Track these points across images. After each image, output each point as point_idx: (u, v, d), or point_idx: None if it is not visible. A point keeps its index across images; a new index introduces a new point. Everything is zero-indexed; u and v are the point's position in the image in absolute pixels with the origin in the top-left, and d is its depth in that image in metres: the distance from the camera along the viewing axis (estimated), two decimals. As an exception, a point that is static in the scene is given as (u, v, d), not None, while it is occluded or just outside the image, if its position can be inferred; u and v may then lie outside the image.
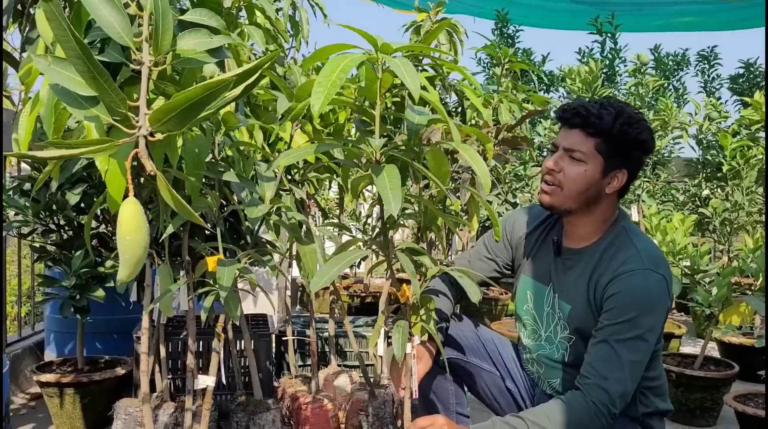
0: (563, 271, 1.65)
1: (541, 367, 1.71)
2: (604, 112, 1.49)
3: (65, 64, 1.06)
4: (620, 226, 1.60)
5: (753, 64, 5.02)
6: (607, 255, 1.56)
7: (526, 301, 1.74)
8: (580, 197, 1.55)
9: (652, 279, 1.49)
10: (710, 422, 2.68)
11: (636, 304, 1.46)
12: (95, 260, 2.32)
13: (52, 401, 2.43)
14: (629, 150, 1.52)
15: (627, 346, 1.45)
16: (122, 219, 1.03)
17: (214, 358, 1.58)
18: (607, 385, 1.44)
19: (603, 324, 1.49)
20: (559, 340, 1.65)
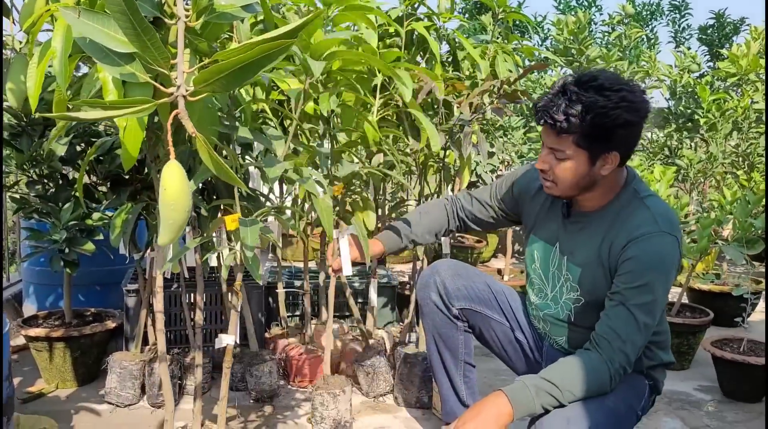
0: (572, 233, 1.66)
1: (546, 324, 1.76)
2: (571, 113, 1.45)
3: (98, 17, 1.00)
4: (631, 188, 1.60)
5: (722, 15, 5.07)
6: (620, 217, 1.57)
7: (534, 261, 1.77)
8: (578, 186, 1.57)
9: (667, 242, 1.51)
10: (685, 365, 2.81)
11: (652, 268, 1.49)
12: (84, 213, 2.26)
13: (41, 355, 2.39)
14: (610, 136, 1.48)
15: (643, 310, 1.49)
16: (166, 183, 0.99)
17: (233, 317, 1.57)
18: (626, 348, 1.49)
19: (619, 287, 1.52)
20: (564, 301, 1.69)
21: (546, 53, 2.77)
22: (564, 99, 1.47)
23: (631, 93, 1.47)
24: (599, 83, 1.47)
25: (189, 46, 1.14)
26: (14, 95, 1.62)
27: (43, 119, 2.25)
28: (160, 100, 1.01)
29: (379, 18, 2.29)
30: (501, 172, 4.32)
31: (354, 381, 2.50)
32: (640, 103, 1.49)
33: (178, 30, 1.02)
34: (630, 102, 1.47)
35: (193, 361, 2.36)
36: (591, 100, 1.45)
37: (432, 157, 2.41)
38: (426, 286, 1.87)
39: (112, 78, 1.23)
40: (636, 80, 3.97)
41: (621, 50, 3.70)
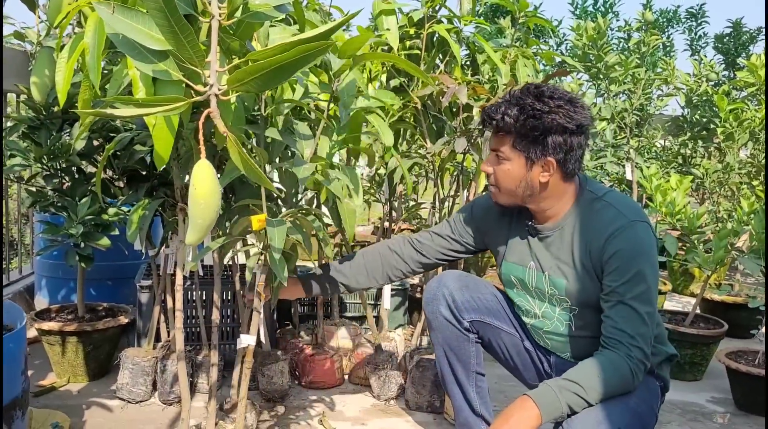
0: (545, 248, 1.68)
1: (548, 343, 1.76)
2: (508, 111, 1.53)
3: (133, 14, 1.00)
4: (586, 191, 1.64)
5: (740, 24, 5.04)
6: (587, 220, 1.60)
7: (513, 285, 1.78)
8: (516, 192, 1.62)
9: (639, 229, 1.55)
10: (698, 376, 2.79)
11: (637, 257, 1.52)
12: (100, 208, 2.25)
13: (53, 349, 2.39)
14: (543, 139, 1.53)
15: (641, 300, 1.51)
16: (197, 182, 0.99)
17: (255, 317, 1.56)
18: (639, 342, 1.50)
19: (611, 286, 1.54)
20: (559, 314, 1.69)
21: (565, 58, 2.75)
22: (505, 102, 1.57)
23: (569, 103, 1.53)
24: (540, 91, 1.55)
25: (220, 45, 1.13)
26: (38, 88, 1.62)
27: (62, 113, 2.25)
28: (193, 99, 1.00)
29: (400, 20, 2.29)
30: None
31: (365, 383, 2.49)
32: (576, 112, 1.53)
33: (212, 28, 1.02)
34: (565, 110, 1.53)
35: (205, 359, 2.36)
36: (527, 102, 1.54)
37: (449, 160, 2.40)
38: (434, 300, 1.85)
39: (141, 75, 1.23)
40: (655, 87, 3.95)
41: (640, 57, 3.68)
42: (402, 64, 1.43)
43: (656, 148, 4.78)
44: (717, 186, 3.51)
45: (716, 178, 3.42)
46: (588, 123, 1.57)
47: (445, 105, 2.13)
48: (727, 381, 2.61)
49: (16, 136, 2.24)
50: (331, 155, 1.46)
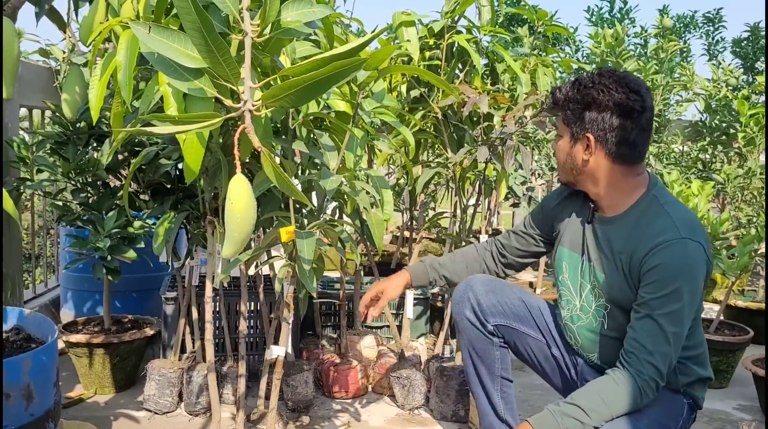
0: (596, 240, 1.67)
1: (578, 340, 1.74)
2: (563, 88, 1.60)
3: (168, 33, 1.02)
4: (651, 195, 1.60)
5: (757, 28, 5.02)
6: (641, 224, 1.57)
7: (562, 271, 1.77)
8: (566, 168, 1.67)
9: (690, 248, 1.49)
10: (723, 384, 2.77)
11: (676, 275, 1.48)
12: (126, 221, 2.28)
13: (80, 361, 2.41)
14: (582, 113, 1.56)
15: (670, 319, 1.48)
16: (233, 196, 1.01)
17: (284, 328, 1.58)
18: (654, 360, 1.47)
19: (644, 298, 1.50)
20: (595, 309, 1.67)
21: (584, 66, 2.76)
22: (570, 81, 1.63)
23: (616, 82, 1.54)
24: (599, 71, 1.59)
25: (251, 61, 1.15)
26: (69, 105, 1.66)
27: (88, 128, 2.29)
28: (228, 115, 1.02)
29: (419, 31, 2.31)
30: (531, 183, 4.30)
31: (389, 393, 2.49)
32: (618, 91, 1.53)
33: (246, 45, 1.04)
34: (607, 88, 1.53)
35: (230, 370, 2.38)
36: (580, 78, 1.59)
37: (471, 169, 2.41)
38: (460, 303, 1.86)
39: (172, 91, 1.25)
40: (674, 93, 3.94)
41: (658, 63, 3.67)
42: (426, 76, 1.45)
43: (675, 154, 4.76)
44: (739, 191, 3.49)
45: (737, 183, 3.40)
46: (632, 104, 1.53)
47: (466, 114, 2.14)
48: (753, 388, 2.59)
49: (43, 152, 2.28)
50: (356, 166, 1.47)
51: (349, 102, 1.65)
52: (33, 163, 2.25)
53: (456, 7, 2.23)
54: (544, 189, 5.09)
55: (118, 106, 1.38)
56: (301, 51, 1.46)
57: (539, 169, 4.17)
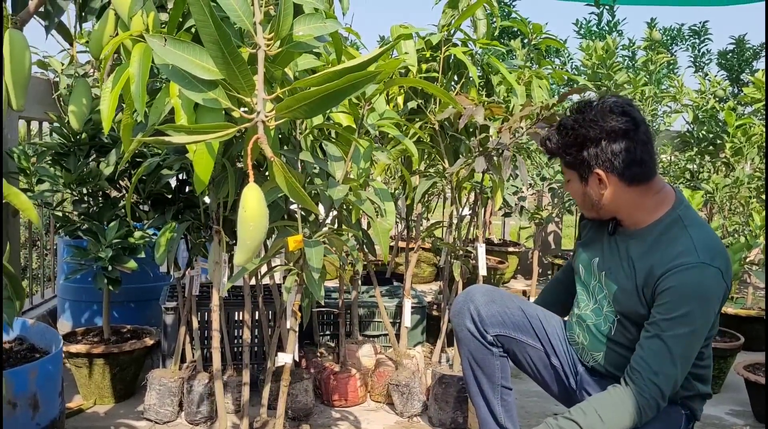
0: (614, 250, 1.70)
1: (586, 338, 1.76)
2: (551, 137, 1.64)
3: (183, 45, 1.05)
4: (676, 214, 1.60)
5: (742, 40, 5.12)
6: (661, 243, 1.57)
7: (579, 273, 1.81)
8: (587, 207, 1.71)
9: (707, 273, 1.48)
10: (716, 390, 2.81)
11: (690, 299, 1.48)
12: (127, 231, 2.30)
13: (80, 371, 2.42)
14: (582, 154, 1.59)
15: (679, 342, 1.48)
16: (247, 205, 1.04)
17: (291, 336, 1.60)
18: (658, 380, 1.49)
19: (656, 318, 1.51)
20: (606, 313, 1.70)
21: (576, 78, 2.82)
22: (555, 128, 1.67)
23: (600, 113, 1.56)
24: (578, 108, 1.62)
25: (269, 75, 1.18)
26: (76, 117, 1.67)
27: (90, 139, 2.32)
28: (242, 125, 1.05)
29: (416, 43, 2.36)
30: (523, 193, 4.35)
31: (388, 401, 2.51)
32: (605, 120, 1.55)
33: (258, 58, 1.07)
34: (593, 121, 1.56)
35: (230, 379, 2.39)
36: (562, 123, 1.63)
37: (467, 180, 2.45)
38: (460, 314, 1.88)
39: (183, 102, 1.28)
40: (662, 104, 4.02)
41: (648, 75, 3.75)
42: (429, 88, 1.49)
43: (663, 164, 4.83)
44: (727, 200, 3.55)
45: (725, 192, 3.46)
46: (623, 126, 1.55)
47: (462, 125, 2.19)
48: (745, 393, 2.63)
49: (45, 163, 2.30)
50: (361, 176, 1.51)
51: (350, 115, 1.69)
52: (34, 173, 2.26)
53: (452, 21, 2.27)
54: (535, 199, 5.15)
55: (128, 118, 1.41)
56: (303, 64, 1.50)
57: (531, 179, 4.22)
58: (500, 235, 5.74)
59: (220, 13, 1.07)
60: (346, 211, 1.78)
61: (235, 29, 1.16)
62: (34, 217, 1.17)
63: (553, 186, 3.78)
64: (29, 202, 1.12)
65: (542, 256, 5.08)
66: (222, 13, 1.07)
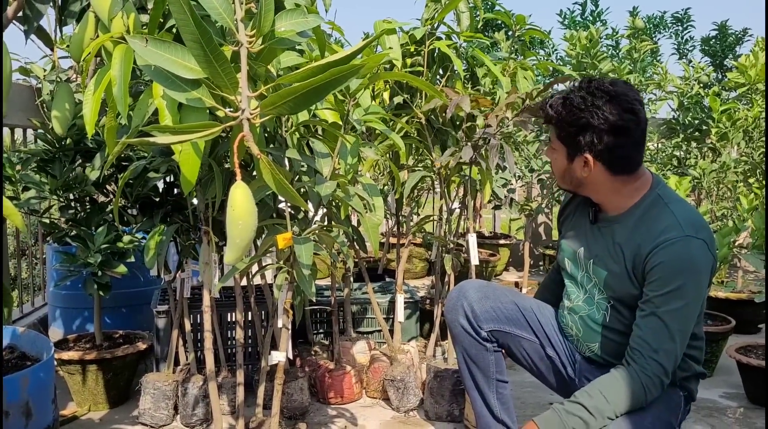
0: (598, 237, 1.71)
1: (580, 329, 1.77)
2: (553, 104, 1.60)
3: (166, 46, 1.04)
4: (655, 194, 1.62)
5: (725, 26, 5.15)
6: (643, 223, 1.59)
7: (565, 267, 1.81)
8: (565, 180, 1.69)
9: (694, 245, 1.50)
10: (709, 373, 2.83)
11: (680, 272, 1.49)
12: (116, 235, 2.29)
13: (73, 378, 2.40)
14: (578, 136, 1.57)
15: (675, 317, 1.50)
16: (235, 203, 1.03)
17: (284, 334, 1.60)
18: (659, 357, 1.50)
19: (648, 295, 1.53)
20: (598, 301, 1.71)
21: (561, 68, 2.82)
22: (559, 94, 1.62)
23: (609, 102, 1.53)
24: (588, 86, 1.57)
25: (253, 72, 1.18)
26: (59, 122, 1.67)
27: (74, 145, 2.30)
28: (227, 124, 1.05)
29: (401, 38, 2.35)
30: (512, 185, 4.36)
31: (384, 396, 2.52)
32: (612, 113, 1.53)
33: (241, 55, 1.07)
34: (601, 110, 1.53)
35: (225, 381, 2.39)
36: (571, 96, 1.57)
37: (455, 172, 2.45)
38: (454, 310, 1.88)
39: (167, 103, 1.27)
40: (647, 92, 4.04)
41: (632, 63, 3.76)
42: (414, 81, 1.49)
43: (650, 151, 4.86)
44: (714, 185, 3.57)
45: (713, 177, 3.49)
46: (626, 124, 1.54)
47: (449, 116, 2.19)
48: (737, 376, 2.65)
49: (30, 170, 2.28)
50: (349, 172, 1.50)
51: (336, 111, 1.69)
52: (19, 181, 2.24)
53: (436, 14, 2.27)
54: (525, 190, 5.16)
55: (112, 121, 1.40)
56: (286, 61, 1.49)
57: (519, 171, 4.23)
58: (491, 228, 5.76)
59: (200, 11, 1.06)
60: (335, 207, 1.78)
61: (217, 27, 1.15)
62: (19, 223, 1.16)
63: (542, 177, 3.79)
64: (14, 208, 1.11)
65: (533, 247, 5.10)
66: (203, 11, 1.06)
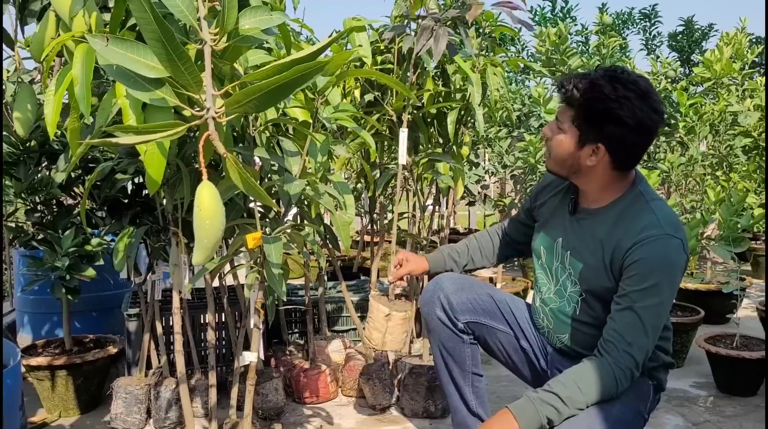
0: (577, 229, 1.71)
1: (551, 321, 1.79)
2: (579, 84, 1.54)
3: (128, 44, 1.03)
4: (637, 190, 1.63)
5: (691, 22, 5.23)
6: (624, 219, 1.60)
7: (539, 256, 1.82)
8: (563, 164, 1.64)
9: (672, 244, 1.52)
10: (679, 363, 2.88)
11: (659, 270, 1.51)
12: (84, 238, 2.25)
13: (42, 384, 2.36)
14: (600, 125, 1.54)
15: (650, 312, 1.51)
16: (201, 203, 1.02)
17: (255, 334, 1.58)
18: (632, 351, 1.51)
19: (626, 290, 1.54)
20: (569, 294, 1.72)
21: (531, 64, 2.84)
22: (582, 75, 1.57)
23: (639, 98, 1.50)
24: (618, 75, 1.54)
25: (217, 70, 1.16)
26: (21, 124, 1.63)
27: (39, 147, 2.25)
28: (191, 123, 1.03)
29: (371, 35, 2.35)
30: (486, 181, 4.38)
31: (359, 395, 2.51)
32: (642, 110, 1.51)
33: (205, 53, 1.05)
34: (631, 104, 1.50)
35: (198, 383, 2.36)
36: (599, 83, 1.52)
37: (426, 170, 2.45)
38: (430, 302, 1.88)
39: (131, 103, 1.25)
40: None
41: (601, 59, 3.81)
42: (383, 78, 1.48)
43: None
44: (683, 178, 3.63)
45: (681, 171, 3.54)
46: (652, 124, 1.53)
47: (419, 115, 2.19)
48: (707, 366, 2.70)
49: (-7, 173, 2.23)
50: (319, 170, 1.49)
51: (306, 109, 1.67)
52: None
53: (405, 11, 2.27)
54: (498, 187, 5.18)
55: (75, 122, 1.37)
56: (254, 59, 1.47)
57: (492, 167, 4.25)
58: (466, 224, 5.78)
59: (162, 9, 1.05)
60: (306, 206, 1.77)
61: (180, 26, 1.14)
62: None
63: (514, 173, 3.82)
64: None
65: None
66: (165, 9, 1.04)
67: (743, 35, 4.01)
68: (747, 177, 3.44)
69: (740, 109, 3.45)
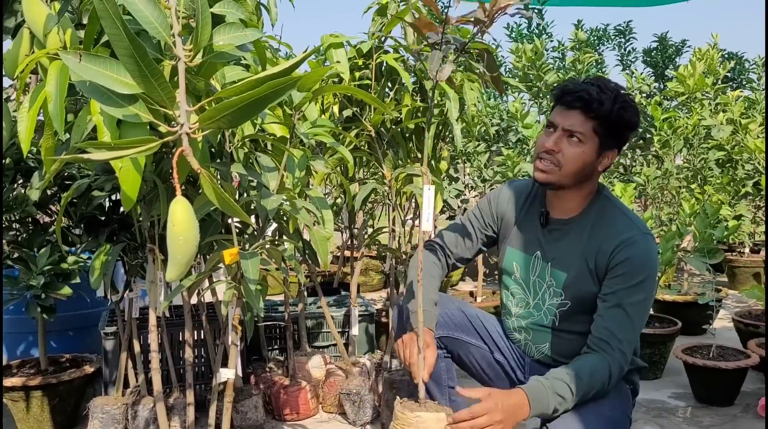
0: (553, 240, 1.73)
1: (529, 333, 1.80)
2: (603, 97, 1.57)
3: (100, 60, 1.02)
4: (603, 196, 1.70)
5: (665, 38, 5.33)
6: (601, 224, 1.65)
7: (513, 272, 1.82)
8: (576, 176, 1.64)
9: (650, 242, 1.62)
10: (657, 375, 2.90)
11: (644, 267, 1.58)
12: (59, 257, 2.23)
13: (17, 406, 2.32)
14: (622, 132, 1.62)
15: (638, 309, 1.58)
16: (175, 219, 1.01)
17: (233, 351, 1.57)
18: (623, 347, 1.56)
19: (613, 288, 1.59)
20: (548, 307, 1.74)
21: (508, 80, 2.87)
22: (595, 87, 1.59)
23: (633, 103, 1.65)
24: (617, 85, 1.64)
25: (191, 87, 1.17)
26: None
27: (14, 164, 2.23)
28: (165, 139, 1.03)
29: (348, 52, 2.37)
30: (465, 195, 4.41)
31: (340, 411, 2.50)
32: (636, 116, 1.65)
33: (179, 70, 1.05)
34: (636, 109, 1.64)
35: (177, 401, 2.34)
36: (617, 91, 1.60)
37: (405, 184, 2.46)
38: (403, 319, 1.89)
39: (105, 119, 1.25)
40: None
41: (576, 74, 3.86)
42: (359, 94, 1.50)
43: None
44: (658, 192, 3.68)
45: (656, 184, 3.59)
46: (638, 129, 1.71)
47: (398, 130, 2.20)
48: (685, 377, 2.72)
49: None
50: (297, 186, 1.50)
51: (284, 125, 1.68)
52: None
53: (382, 28, 2.29)
54: (477, 200, 5.22)
55: (49, 139, 1.37)
56: (231, 75, 1.48)
57: (471, 181, 4.28)
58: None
59: (136, 26, 1.05)
60: (285, 221, 1.76)
61: (155, 42, 1.14)
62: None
63: (493, 187, 3.84)
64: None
65: (487, 256, 5.15)
66: (138, 26, 1.05)
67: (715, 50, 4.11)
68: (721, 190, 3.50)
69: (713, 122, 3.52)
